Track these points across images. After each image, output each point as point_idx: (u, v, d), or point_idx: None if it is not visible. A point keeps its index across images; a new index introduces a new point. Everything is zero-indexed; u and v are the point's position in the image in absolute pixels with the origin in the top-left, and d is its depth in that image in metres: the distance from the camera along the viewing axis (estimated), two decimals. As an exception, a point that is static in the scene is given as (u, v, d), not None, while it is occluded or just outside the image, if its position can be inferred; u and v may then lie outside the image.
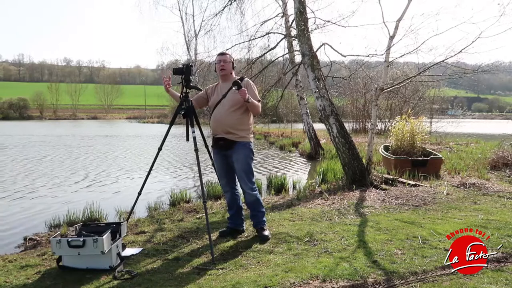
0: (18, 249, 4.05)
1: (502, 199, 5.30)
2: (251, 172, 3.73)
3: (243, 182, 3.72)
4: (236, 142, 3.65)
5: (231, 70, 3.77)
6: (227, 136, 3.65)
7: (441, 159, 7.33)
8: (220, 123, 3.68)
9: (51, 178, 8.40)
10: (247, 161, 3.68)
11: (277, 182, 6.63)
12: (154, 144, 16.96)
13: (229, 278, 2.87)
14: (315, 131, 12.38)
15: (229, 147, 3.67)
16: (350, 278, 2.80)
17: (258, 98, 3.73)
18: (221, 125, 3.67)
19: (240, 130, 3.65)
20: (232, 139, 3.65)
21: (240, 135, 3.65)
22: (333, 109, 6.24)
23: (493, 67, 6.60)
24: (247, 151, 3.68)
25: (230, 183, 3.88)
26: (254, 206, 3.78)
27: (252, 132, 3.86)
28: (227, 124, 3.64)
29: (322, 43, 7.18)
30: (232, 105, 3.63)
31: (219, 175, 3.96)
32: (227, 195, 3.92)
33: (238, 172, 3.72)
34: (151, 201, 5.71)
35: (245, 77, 3.82)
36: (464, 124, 17.98)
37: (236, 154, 3.66)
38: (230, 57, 3.80)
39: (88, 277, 2.91)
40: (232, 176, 3.86)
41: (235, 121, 3.63)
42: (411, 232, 3.83)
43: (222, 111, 3.67)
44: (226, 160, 3.77)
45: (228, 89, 3.67)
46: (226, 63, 3.72)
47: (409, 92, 17.99)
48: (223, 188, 3.99)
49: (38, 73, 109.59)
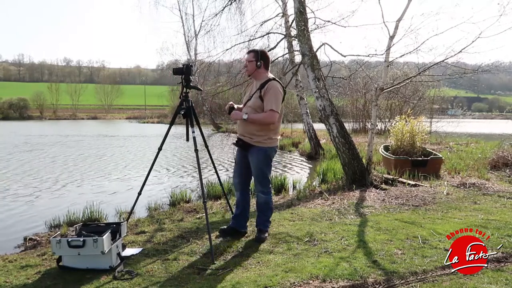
0: (18, 249, 4.05)
1: (502, 199, 5.30)
2: (264, 177, 3.70)
3: (255, 184, 3.77)
4: (252, 145, 3.63)
5: (254, 70, 3.63)
6: (244, 138, 3.67)
7: (441, 159, 7.33)
8: (241, 126, 3.70)
9: (54, 178, 8.41)
10: (259, 165, 3.66)
11: (277, 182, 6.63)
12: (154, 144, 16.96)
13: (229, 278, 2.87)
14: (315, 131, 12.38)
15: (245, 149, 3.68)
16: (350, 278, 2.80)
17: (272, 107, 3.48)
18: (241, 128, 3.70)
19: (256, 135, 3.60)
20: (248, 142, 3.65)
21: (256, 139, 3.61)
22: (333, 109, 6.24)
23: (493, 67, 6.61)
24: (261, 156, 3.62)
25: (242, 183, 3.87)
26: (261, 208, 3.78)
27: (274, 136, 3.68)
28: (245, 129, 3.64)
29: (322, 43, 7.16)
30: (252, 111, 3.59)
31: (234, 173, 3.97)
32: (237, 194, 3.93)
33: (253, 173, 3.75)
34: (151, 201, 5.71)
35: (272, 80, 3.61)
36: (464, 124, 17.96)
37: (251, 156, 3.67)
38: (253, 55, 3.63)
39: (88, 277, 2.91)
40: (246, 177, 3.85)
41: (253, 128, 3.59)
42: (411, 232, 3.84)
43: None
44: (245, 160, 3.76)
45: (254, 91, 3.63)
46: (249, 62, 3.63)
47: (409, 92, 17.98)
48: (234, 186, 3.99)
49: (38, 73, 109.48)
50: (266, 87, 3.54)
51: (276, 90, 3.55)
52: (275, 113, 3.52)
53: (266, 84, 3.56)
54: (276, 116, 3.54)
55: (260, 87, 3.58)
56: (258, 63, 3.61)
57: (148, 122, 44.03)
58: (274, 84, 3.56)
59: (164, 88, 52.65)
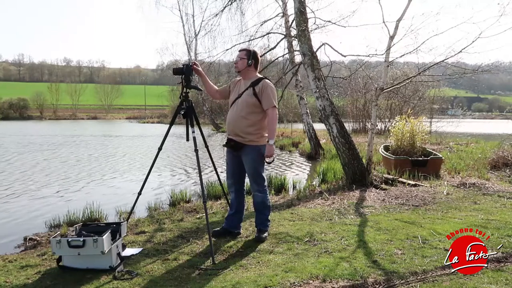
0: (18, 249, 4.05)
1: (502, 199, 5.30)
2: (259, 176, 3.68)
3: (251, 183, 3.74)
4: (245, 145, 3.60)
5: (244, 67, 3.62)
6: (236, 138, 3.61)
7: (441, 159, 7.33)
8: (232, 125, 3.63)
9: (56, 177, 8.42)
10: (254, 165, 3.63)
11: (277, 182, 6.63)
12: (155, 144, 16.96)
13: (229, 278, 2.87)
14: (315, 131, 12.38)
15: (238, 149, 3.63)
16: (350, 278, 2.80)
17: (273, 104, 3.52)
18: (232, 127, 3.63)
19: (250, 134, 3.57)
20: (241, 142, 3.60)
21: (250, 138, 3.58)
22: (333, 109, 6.24)
23: (493, 67, 6.61)
24: (256, 155, 3.60)
25: (236, 184, 3.84)
26: (258, 207, 3.77)
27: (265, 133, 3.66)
28: (238, 127, 3.59)
29: (322, 43, 7.16)
30: (244, 109, 3.55)
31: (227, 174, 3.93)
32: (231, 195, 3.91)
33: (247, 172, 3.72)
34: (151, 201, 5.71)
35: (264, 78, 3.64)
36: (464, 124, 18.00)
37: (245, 156, 3.64)
38: (246, 53, 3.63)
39: (88, 277, 2.91)
40: (239, 178, 3.83)
41: (246, 125, 3.56)
42: (411, 232, 3.83)
43: (235, 113, 3.61)
44: (236, 160, 3.73)
45: (244, 89, 3.60)
46: (240, 59, 3.61)
47: (409, 92, 17.99)
48: (228, 187, 3.98)
49: (38, 73, 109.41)
50: (262, 85, 3.56)
51: (272, 87, 3.63)
52: (276, 109, 3.59)
53: (260, 82, 3.58)
54: (277, 111, 3.61)
55: (251, 85, 3.57)
56: (249, 61, 3.62)
57: (148, 122, 44.04)
58: (269, 82, 3.63)
59: (164, 88, 52.56)
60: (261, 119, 3.61)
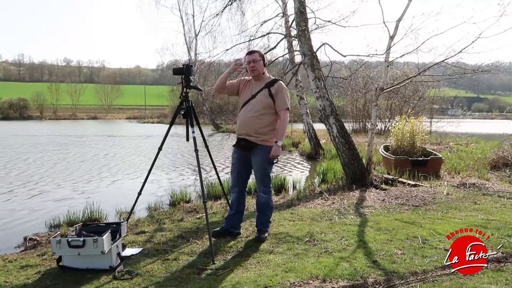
0: (18, 249, 4.05)
1: (502, 199, 5.30)
2: (266, 177, 3.69)
3: (258, 183, 3.75)
4: (257, 144, 3.60)
5: (263, 69, 3.64)
6: (249, 138, 3.61)
7: (441, 159, 7.33)
8: (245, 125, 3.62)
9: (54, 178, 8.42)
10: (264, 165, 3.64)
11: (277, 182, 6.63)
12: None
13: (229, 278, 2.87)
14: (315, 131, 12.37)
15: (249, 149, 3.63)
16: (350, 278, 2.80)
17: (287, 106, 3.58)
18: (246, 128, 3.62)
19: (264, 134, 3.58)
20: (253, 141, 3.60)
21: (262, 138, 3.59)
22: (333, 109, 6.24)
23: (493, 67, 6.60)
24: (266, 155, 3.59)
25: (239, 185, 3.84)
26: (261, 208, 3.77)
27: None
28: (251, 128, 3.58)
29: (322, 43, 7.14)
30: (260, 109, 3.56)
31: (231, 174, 3.93)
32: (233, 195, 3.90)
33: (255, 172, 3.72)
34: (151, 201, 5.71)
35: (278, 80, 3.67)
36: (464, 124, 17.98)
37: (255, 156, 3.64)
38: (259, 55, 3.65)
39: (88, 277, 2.91)
40: (244, 179, 3.83)
41: (261, 126, 3.56)
42: (411, 232, 3.84)
43: (249, 113, 3.60)
44: (244, 161, 3.72)
45: (259, 90, 3.61)
46: (256, 62, 3.59)
47: (409, 92, 17.97)
48: (231, 188, 3.98)
49: (38, 73, 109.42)
50: (278, 86, 3.59)
51: (286, 89, 3.67)
52: (288, 111, 3.64)
53: (275, 83, 3.61)
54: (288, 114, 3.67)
55: (266, 86, 3.59)
56: (266, 62, 3.69)
57: (148, 122, 44.02)
58: (283, 84, 3.67)
59: (164, 88, 52.56)
60: (274, 120, 3.63)
